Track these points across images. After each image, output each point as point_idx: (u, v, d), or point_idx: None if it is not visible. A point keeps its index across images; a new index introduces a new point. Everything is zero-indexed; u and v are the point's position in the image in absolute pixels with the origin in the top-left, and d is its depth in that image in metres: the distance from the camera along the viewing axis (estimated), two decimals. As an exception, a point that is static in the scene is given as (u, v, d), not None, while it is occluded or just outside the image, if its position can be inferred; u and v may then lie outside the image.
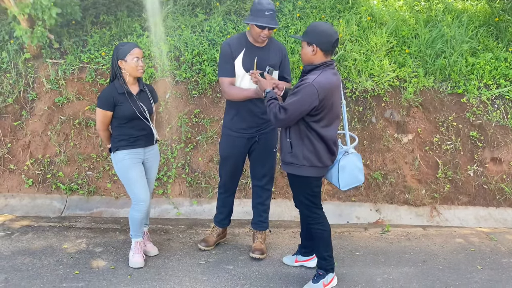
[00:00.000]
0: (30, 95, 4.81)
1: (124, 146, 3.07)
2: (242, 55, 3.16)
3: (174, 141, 4.65)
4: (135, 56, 3.00)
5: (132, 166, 3.07)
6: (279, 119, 2.65)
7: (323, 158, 2.79)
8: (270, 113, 2.71)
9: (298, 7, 5.57)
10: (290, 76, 3.35)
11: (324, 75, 2.65)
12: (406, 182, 4.62)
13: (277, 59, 3.22)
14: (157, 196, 4.45)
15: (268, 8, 2.99)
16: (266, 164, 3.39)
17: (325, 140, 2.76)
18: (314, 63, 2.72)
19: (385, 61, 4.98)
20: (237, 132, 3.30)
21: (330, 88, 2.66)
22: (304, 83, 2.62)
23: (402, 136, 4.77)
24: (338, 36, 2.70)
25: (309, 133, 2.73)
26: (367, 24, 5.35)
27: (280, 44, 3.31)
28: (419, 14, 5.67)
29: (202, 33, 5.16)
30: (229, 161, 3.39)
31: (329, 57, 2.74)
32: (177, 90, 4.83)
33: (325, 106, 2.67)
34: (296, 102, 2.61)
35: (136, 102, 3.05)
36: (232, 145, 3.34)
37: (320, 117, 2.70)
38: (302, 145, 2.75)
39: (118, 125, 3.07)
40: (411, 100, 4.85)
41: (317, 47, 2.67)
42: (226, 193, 3.53)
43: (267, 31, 3.04)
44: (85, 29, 5.21)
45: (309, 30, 2.71)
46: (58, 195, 4.47)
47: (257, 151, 3.37)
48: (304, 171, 2.79)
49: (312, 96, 2.58)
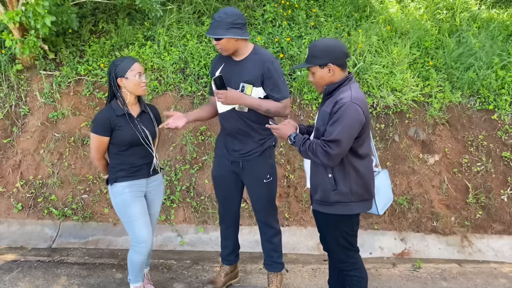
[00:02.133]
0: (22, 109, 4.42)
1: (124, 177, 2.65)
2: (219, 71, 2.78)
3: (178, 161, 4.24)
4: (137, 71, 2.61)
5: (133, 201, 2.65)
6: (333, 155, 2.22)
7: (370, 187, 2.41)
8: (317, 154, 2.26)
9: (311, 16, 5.18)
10: (280, 93, 2.72)
11: (355, 89, 2.32)
12: (434, 208, 4.19)
13: (256, 74, 2.70)
14: (159, 223, 4.03)
15: (213, 16, 2.66)
16: (259, 197, 2.95)
17: (369, 166, 2.39)
18: (335, 81, 2.37)
19: (408, 74, 4.58)
20: (223, 151, 2.95)
21: (366, 102, 2.35)
22: (341, 104, 2.23)
23: (428, 156, 4.35)
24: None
25: (354, 161, 2.32)
26: (387, 34, 4.95)
27: (266, 55, 2.75)
28: (442, 23, 5.27)
29: (209, 42, 4.77)
30: (219, 183, 3.01)
31: (346, 70, 2.40)
32: (182, 105, 4.43)
33: (367, 123, 2.32)
34: (345, 127, 2.21)
35: (137, 126, 2.65)
36: (218, 165, 2.98)
37: (363, 138, 2.33)
38: (349, 178, 2.33)
39: (116, 152, 2.65)
40: (437, 117, 4.44)
41: (333, 65, 2.32)
42: (224, 224, 3.12)
43: (214, 41, 2.67)
44: (82, 38, 4.83)
45: (315, 51, 2.34)
46: (50, 221, 4.06)
47: (246, 182, 2.95)
48: (354, 209, 2.37)
49: (359, 115, 2.23)
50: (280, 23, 5.01)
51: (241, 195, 3.06)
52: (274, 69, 2.72)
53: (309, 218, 4.11)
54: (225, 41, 2.64)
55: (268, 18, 5.05)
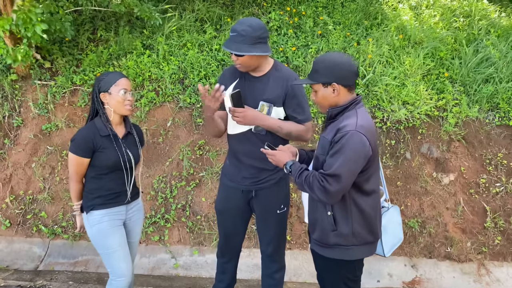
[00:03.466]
0: (15, 120, 4.25)
1: (101, 205, 2.40)
2: (233, 86, 2.46)
3: (174, 177, 4.01)
4: (122, 87, 2.36)
5: (112, 231, 2.39)
6: (332, 192, 1.91)
7: (376, 228, 2.09)
8: (314, 189, 1.96)
9: (319, 24, 4.92)
10: (302, 115, 2.48)
11: (362, 116, 2.01)
12: (448, 232, 3.87)
13: (279, 93, 2.43)
14: (152, 243, 3.80)
15: (233, 28, 2.32)
16: (269, 229, 2.65)
17: (375, 204, 2.07)
18: (339, 104, 2.06)
19: (421, 86, 4.28)
20: (232, 181, 2.60)
21: (374, 131, 2.04)
22: (343, 133, 1.92)
23: (442, 176, 4.04)
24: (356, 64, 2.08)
25: (358, 198, 2.01)
26: (399, 43, 4.66)
27: (288, 72, 2.50)
28: (459, 31, 4.96)
29: (211, 52, 4.55)
30: (224, 217, 2.68)
31: (354, 92, 2.10)
32: (180, 117, 4.21)
33: (375, 156, 2.01)
34: (347, 160, 1.90)
35: (121, 148, 2.41)
36: (226, 197, 2.64)
37: (370, 172, 2.02)
38: (351, 218, 2.03)
39: (95, 175, 2.41)
40: (452, 133, 4.13)
41: (339, 85, 2.02)
42: (223, 258, 2.80)
43: (234, 57, 2.35)
44: (80, 46, 4.66)
45: (320, 67, 2.04)
46: (39, 239, 3.86)
47: (257, 211, 2.63)
48: (355, 253, 2.07)
49: (364, 147, 1.92)
50: (286, 32, 4.77)
51: (246, 227, 2.76)
52: (298, 88, 2.49)
53: (312, 241, 3.83)
54: (247, 58, 2.34)
55: (273, 26, 4.81)
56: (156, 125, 4.18)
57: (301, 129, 2.49)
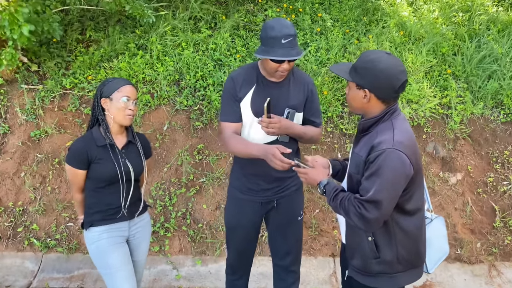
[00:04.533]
0: (1, 127, 4.01)
1: (101, 221, 2.22)
2: (252, 94, 2.26)
3: (173, 184, 3.83)
4: (125, 95, 2.17)
5: (112, 249, 2.21)
6: (371, 219, 1.69)
7: (422, 250, 1.88)
8: (350, 215, 1.75)
9: (317, 21, 4.77)
10: (319, 118, 2.43)
11: (400, 128, 1.75)
12: (457, 233, 3.78)
13: (301, 98, 2.33)
14: (152, 254, 3.62)
15: (285, 33, 2.08)
16: (289, 238, 2.49)
17: (419, 222, 1.85)
18: (371, 113, 1.83)
19: (425, 83, 4.18)
20: (247, 194, 2.41)
21: (415, 145, 1.78)
22: (379, 151, 1.69)
23: (449, 175, 3.94)
24: (405, 77, 1.75)
25: (401, 220, 1.80)
26: (399, 39, 4.55)
27: (305, 76, 2.39)
28: (459, 26, 4.87)
29: (207, 51, 4.37)
30: (236, 233, 2.49)
31: (392, 103, 1.81)
32: (177, 120, 4.03)
33: (417, 173, 1.77)
34: (385, 184, 1.67)
35: (119, 159, 2.22)
36: (239, 212, 2.44)
37: (413, 190, 1.79)
38: (394, 242, 1.82)
39: (93, 189, 2.23)
40: (457, 131, 4.04)
41: (371, 93, 1.78)
42: (234, 275, 2.62)
43: (286, 65, 2.15)
44: (68, 48, 4.43)
45: (359, 66, 1.79)
46: (32, 253, 3.65)
47: (275, 221, 2.48)
48: (401, 280, 1.86)
49: (405, 166, 1.68)
50: (284, 29, 4.60)
51: (257, 237, 2.58)
52: (315, 91, 2.40)
53: (320, 247, 3.70)
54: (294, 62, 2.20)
55: (270, 23, 4.64)
56: (152, 130, 3.99)
57: (319, 132, 2.43)
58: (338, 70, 1.89)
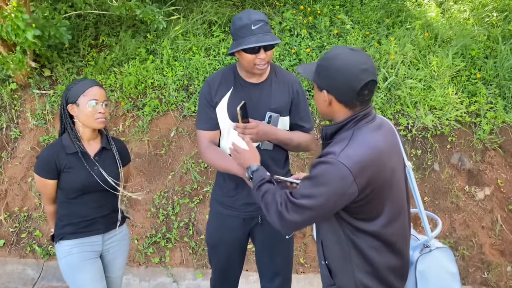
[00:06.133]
0: (13, 132, 4.03)
1: (71, 234, 2.08)
2: (228, 97, 2.06)
3: (177, 192, 3.69)
4: (92, 98, 2.02)
5: (83, 266, 2.06)
6: (288, 221, 1.49)
7: (388, 276, 1.59)
8: (269, 210, 1.55)
9: (336, 23, 4.53)
10: (309, 123, 2.18)
11: (359, 140, 1.48)
12: (484, 254, 3.41)
13: (285, 100, 2.09)
14: (152, 266, 3.49)
15: (255, 19, 1.89)
16: (276, 258, 2.26)
17: (389, 243, 1.57)
18: (336, 118, 1.58)
19: (450, 89, 3.84)
20: (229, 208, 2.20)
21: (375, 160, 1.47)
22: (324, 160, 1.45)
23: (476, 189, 3.58)
24: (370, 77, 1.48)
25: (358, 241, 1.54)
26: (424, 42, 4.23)
27: (290, 75, 2.17)
28: (492, 27, 4.48)
29: (218, 56, 4.22)
30: (218, 250, 2.27)
31: (358, 108, 1.54)
32: (184, 126, 3.90)
33: (377, 193, 1.49)
34: (318, 194, 1.44)
35: (93, 167, 2.08)
36: (221, 227, 2.23)
37: (373, 212, 1.52)
38: (350, 265, 1.57)
39: (64, 200, 2.09)
40: (487, 141, 3.67)
41: (330, 95, 1.53)
42: None
43: (263, 54, 1.92)
44: (81, 53, 4.42)
45: (320, 64, 1.56)
46: (33, 260, 3.60)
47: (261, 239, 2.24)
48: None
49: (344, 184, 1.42)
50: (299, 32, 4.40)
51: (244, 257, 2.37)
52: (302, 92, 2.15)
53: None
54: (272, 53, 1.97)
55: (286, 26, 4.45)
56: (159, 136, 3.88)
57: (309, 139, 2.17)
58: (304, 70, 1.65)
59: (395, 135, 1.64)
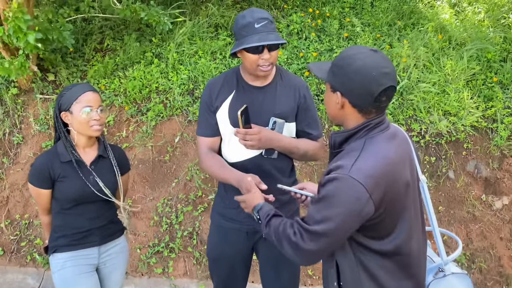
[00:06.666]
0: (15, 138, 3.95)
1: (66, 246, 1.97)
2: (230, 101, 1.94)
3: (181, 200, 3.57)
4: (85, 105, 1.90)
5: (77, 280, 1.95)
6: (305, 251, 1.34)
7: None
8: (283, 243, 1.41)
9: (346, 26, 4.40)
10: (317, 130, 2.04)
11: (371, 151, 1.35)
12: (503, 267, 3.24)
13: (291, 105, 1.97)
14: (155, 276, 3.37)
15: (258, 17, 1.78)
16: (282, 273, 2.11)
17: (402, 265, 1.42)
18: (347, 124, 1.44)
19: (465, 93, 3.68)
20: (231, 221, 2.07)
21: (389, 173, 1.33)
22: (334, 177, 1.31)
23: (493, 199, 3.41)
24: (390, 82, 1.33)
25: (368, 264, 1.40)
26: (438, 44, 4.08)
27: (297, 79, 2.05)
28: (509, 29, 4.31)
29: (224, 60, 4.12)
30: (220, 265, 2.14)
31: (372, 115, 1.40)
32: (189, 132, 3.79)
33: (389, 209, 1.35)
34: (332, 217, 1.30)
35: (89, 176, 1.97)
36: (223, 241, 2.10)
37: (386, 230, 1.38)
38: None
39: (59, 210, 1.99)
40: (504, 148, 3.50)
41: (343, 98, 1.39)
42: None
43: (267, 54, 1.81)
44: (86, 57, 4.35)
45: (336, 62, 1.41)
46: (34, 269, 3.51)
47: (266, 253, 2.09)
48: None
49: (358, 202, 1.28)
50: (308, 35, 4.28)
51: (249, 270, 2.23)
52: (310, 97, 2.01)
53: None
54: (276, 53, 1.86)
55: (294, 29, 4.34)
56: (163, 141, 3.78)
57: (317, 147, 2.03)
58: (316, 68, 1.50)
59: (409, 145, 1.50)
